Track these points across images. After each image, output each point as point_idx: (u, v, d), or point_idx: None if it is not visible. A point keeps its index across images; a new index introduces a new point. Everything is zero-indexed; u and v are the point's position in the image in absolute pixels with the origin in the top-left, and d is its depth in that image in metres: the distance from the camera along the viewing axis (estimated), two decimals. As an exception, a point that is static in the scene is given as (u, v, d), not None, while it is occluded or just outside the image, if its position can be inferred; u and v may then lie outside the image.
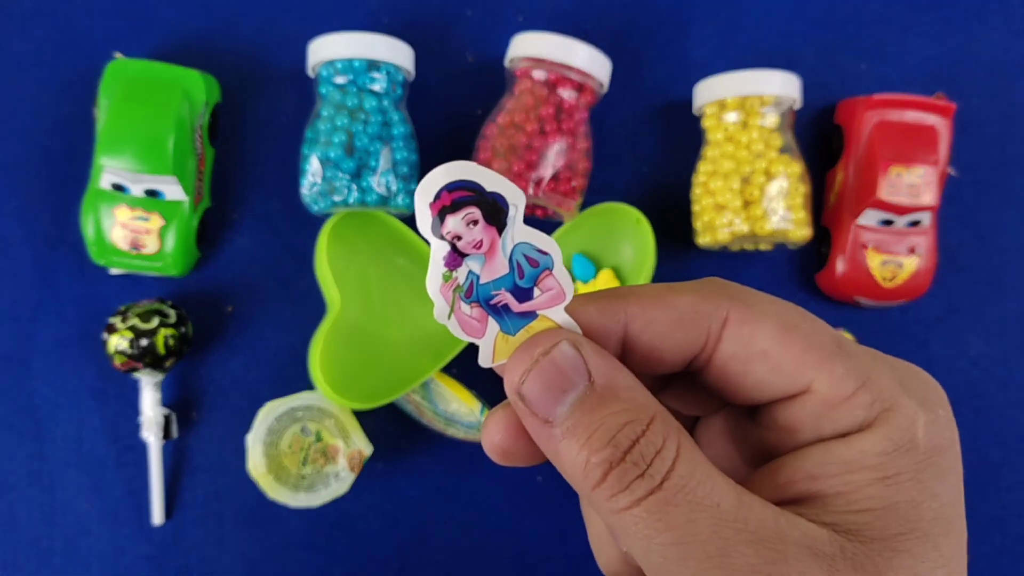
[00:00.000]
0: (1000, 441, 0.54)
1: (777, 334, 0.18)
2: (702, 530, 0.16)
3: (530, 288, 0.18)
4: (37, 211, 0.51)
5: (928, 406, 0.18)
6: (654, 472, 0.16)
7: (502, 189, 0.18)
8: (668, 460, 0.16)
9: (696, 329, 0.19)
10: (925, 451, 0.17)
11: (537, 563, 0.52)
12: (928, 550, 0.17)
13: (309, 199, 0.47)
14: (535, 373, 0.17)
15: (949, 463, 0.18)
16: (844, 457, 0.17)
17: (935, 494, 0.17)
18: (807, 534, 0.16)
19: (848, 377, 0.18)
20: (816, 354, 0.18)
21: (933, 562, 0.17)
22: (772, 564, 0.16)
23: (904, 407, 0.17)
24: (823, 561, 0.16)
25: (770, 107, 0.48)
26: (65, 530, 0.50)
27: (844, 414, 0.18)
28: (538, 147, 0.47)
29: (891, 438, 0.17)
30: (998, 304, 0.54)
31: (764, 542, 0.16)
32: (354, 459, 0.48)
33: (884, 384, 0.18)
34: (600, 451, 0.16)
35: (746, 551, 0.16)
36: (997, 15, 0.56)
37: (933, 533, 0.17)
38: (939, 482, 0.17)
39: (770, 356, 0.18)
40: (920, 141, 0.50)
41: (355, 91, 0.47)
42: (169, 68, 0.49)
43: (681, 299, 0.19)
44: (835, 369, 0.18)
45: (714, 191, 0.49)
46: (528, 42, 0.48)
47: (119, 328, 0.47)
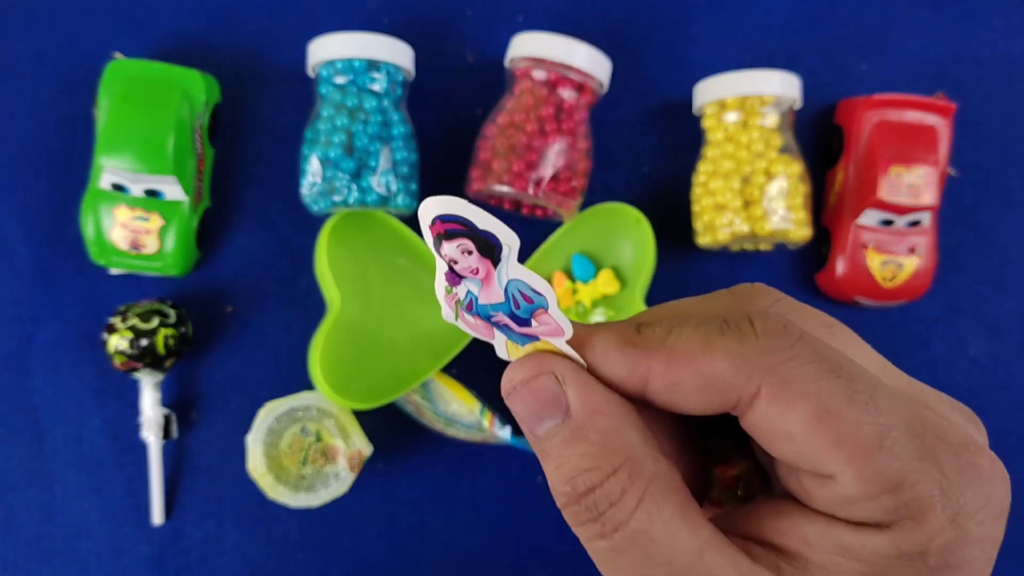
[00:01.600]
0: (1001, 442, 0.54)
1: (809, 421, 0.17)
2: None
3: (527, 318, 0.18)
4: (37, 211, 0.51)
5: (962, 520, 0.17)
6: (606, 520, 0.16)
7: (495, 230, 0.18)
8: (625, 511, 0.16)
9: (724, 398, 0.18)
10: (931, 567, 0.17)
11: (537, 563, 0.52)
12: None
13: (309, 199, 0.47)
14: (516, 397, 0.18)
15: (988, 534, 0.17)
16: (845, 542, 0.17)
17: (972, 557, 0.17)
18: None
19: (876, 480, 0.16)
20: (847, 450, 0.16)
21: None
22: None
23: (930, 521, 0.16)
24: None
25: (770, 107, 0.48)
26: (65, 530, 0.50)
27: (860, 509, 0.17)
28: (538, 147, 0.47)
29: (900, 547, 0.16)
30: (998, 304, 0.54)
31: None
32: (354, 459, 0.48)
33: (921, 491, 0.16)
34: (561, 486, 0.17)
35: None
36: (997, 15, 0.56)
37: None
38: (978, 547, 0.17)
39: (796, 441, 0.17)
40: (920, 141, 0.50)
41: (355, 91, 0.47)
42: (169, 68, 0.49)
43: (713, 366, 0.17)
44: (864, 471, 0.16)
45: (714, 191, 0.49)
46: (528, 42, 0.48)
47: (119, 328, 0.47)
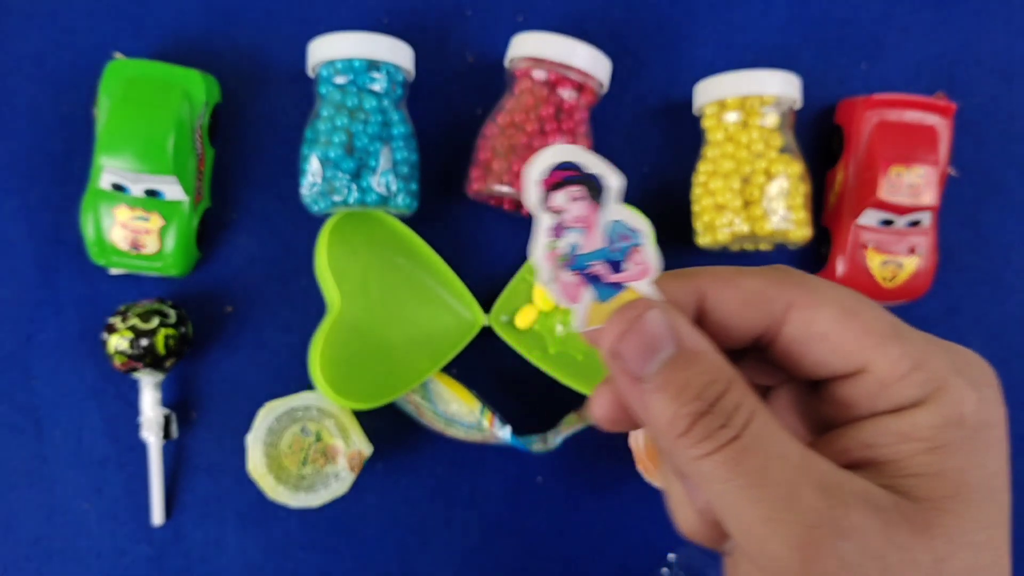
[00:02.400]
0: (1000, 441, 0.54)
1: (838, 318, 0.20)
2: (774, 476, 0.18)
3: (621, 260, 0.21)
4: (37, 211, 0.51)
5: (977, 386, 0.19)
6: (734, 424, 0.18)
7: (602, 171, 0.21)
8: (745, 415, 0.19)
9: (762, 310, 0.21)
10: (972, 426, 0.19)
11: (537, 563, 0.52)
12: (972, 512, 0.18)
13: (309, 199, 0.47)
14: (631, 334, 0.19)
15: (995, 438, 0.19)
16: (898, 429, 0.19)
17: (980, 464, 0.19)
18: (865, 488, 0.18)
19: (903, 359, 0.19)
20: (873, 337, 0.20)
21: (976, 523, 0.18)
22: (834, 508, 0.18)
23: (955, 387, 0.19)
24: (879, 511, 0.18)
25: (770, 107, 0.48)
26: (65, 530, 0.50)
27: (898, 392, 0.19)
28: (538, 147, 0.47)
29: (942, 414, 0.19)
30: (998, 304, 0.54)
31: (828, 489, 0.18)
32: (354, 459, 0.48)
33: (937, 365, 0.19)
34: (689, 404, 0.19)
35: (812, 495, 0.18)
36: (998, 15, 0.56)
37: (977, 498, 0.19)
38: (984, 454, 0.19)
39: (829, 338, 0.20)
40: (920, 141, 0.50)
41: (355, 91, 0.47)
42: (169, 68, 0.49)
43: (750, 281, 0.21)
44: (891, 352, 0.19)
45: (714, 191, 0.49)
46: (528, 42, 0.48)
47: (119, 328, 0.47)
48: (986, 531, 0.19)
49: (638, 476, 0.50)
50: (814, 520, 0.18)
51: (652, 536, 0.52)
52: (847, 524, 0.18)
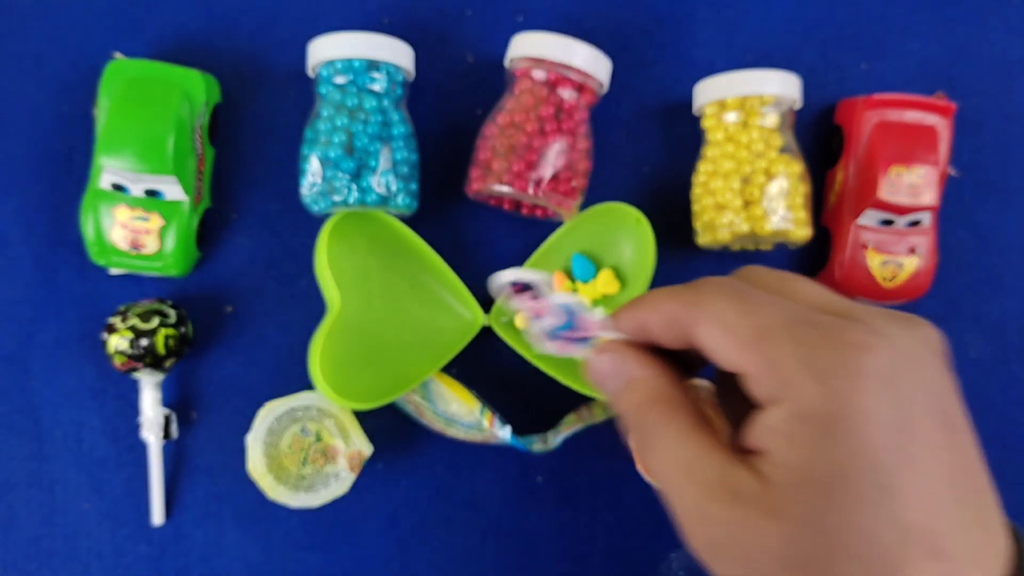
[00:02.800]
0: (1001, 441, 0.54)
1: (716, 335, 0.24)
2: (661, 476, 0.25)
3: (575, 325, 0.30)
4: (37, 211, 0.51)
5: (825, 379, 0.22)
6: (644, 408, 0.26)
7: (531, 279, 0.30)
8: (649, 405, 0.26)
9: (678, 332, 0.26)
10: (818, 420, 0.22)
11: (537, 563, 0.52)
12: (815, 500, 0.21)
13: (309, 199, 0.47)
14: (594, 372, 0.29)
15: (843, 429, 0.21)
16: (764, 423, 0.23)
17: (826, 455, 0.21)
18: (738, 479, 0.23)
19: (761, 364, 0.23)
20: (742, 348, 0.24)
21: (820, 510, 0.21)
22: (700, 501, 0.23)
23: (800, 384, 0.22)
24: (739, 499, 0.22)
25: (770, 107, 0.48)
26: (65, 530, 0.50)
27: (759, 390, 0.23)
28: (538, 147, 0.47)
29: (789, 409, 0.22)
30: (998, 304, 0.54)
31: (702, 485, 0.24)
32: (354, 459, 0.48)
33: (787, 364, 0.22)
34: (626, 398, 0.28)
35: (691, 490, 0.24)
36: (997, 15, 0.56)
37: (822, 487, 0.21)
38: (831, 445, 0.21)
39: (716, 353, 0.24)
40: (920, 141, 0.50)
41: (355, 91, 0.47)
42: (169, 68, 0.49)
43: (667, 306, 0.26)
44: (752, 357, 0.23)
45: (714, 191, 0.49)
46: (528, 42, 0.48)
47: (119, 328, 0.47)
48: (830, 517, 0.21)
49: (638, 476, 0.50)
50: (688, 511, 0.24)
51: (652, 536, 0.52)
52: (712, 513, 0.23)
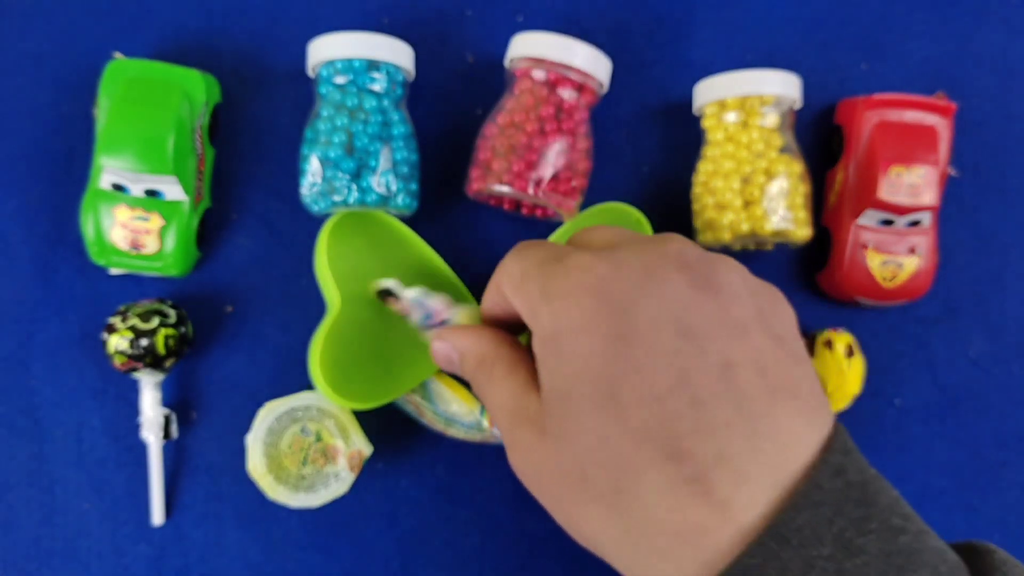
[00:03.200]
0: (1000, 441, 0.54)
1: (505, 283, 0.29)
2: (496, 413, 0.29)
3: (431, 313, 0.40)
4: (36, 211, 0.51)
5: (550, 299, 0.25)
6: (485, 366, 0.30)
7: (388, 286, 0.44)
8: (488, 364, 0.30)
9: (499, 296, 0.30)
10: (548, 338, 0.25)
11: (538, 562, 0.52)
12: (564, 409, 0.24)
13: (309, 199, 0.47)
14: (439, 355, 0.34)
15: (567, 343, 0.24)
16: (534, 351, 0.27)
17: (556, 369, 0.24)
18: (533, 408, 0.26)
19: (521, 301, 0.27)
20: (513, 291, 0.28)
21: (570, 419, 0.24)
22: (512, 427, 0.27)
23: (537, 313, 0.26)
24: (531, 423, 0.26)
25: (770, 107, 0.48)
26: (64, 530, 0.50)
27: (528, 324, 0.27)
28: (538, 147, 0.47)
29: (536, 336, 0.26)
30: (998, 304, 0.54)
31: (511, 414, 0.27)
32: (354, 459, 0.48)
33: (532, 297, 0.26)
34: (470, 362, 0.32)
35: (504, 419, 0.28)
36: (997, 15, 0.56)
37: (563, 399, 0.24)
38: (557, 359, 0.24)
39: (490, 300, 0.31)
40: (920, 141, 0.50)
41: (355, 91, 0.47)
42: (169, 68, 0.49)
43: (489, 298, 0.31)
44: (516, 299, 0.27)
45: (714, 191, 0.49)
46: (528, 42, 0.48)
47: (119, 328, 0.47)
48: (572, 428, 0.24)
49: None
50: (506, 442, 0.27)
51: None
52: (516, 439, 0.26)
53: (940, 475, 0.53)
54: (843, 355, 0.50)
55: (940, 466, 0.53)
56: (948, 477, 0.53)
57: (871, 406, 0.53)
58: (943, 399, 0.54)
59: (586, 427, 0.23)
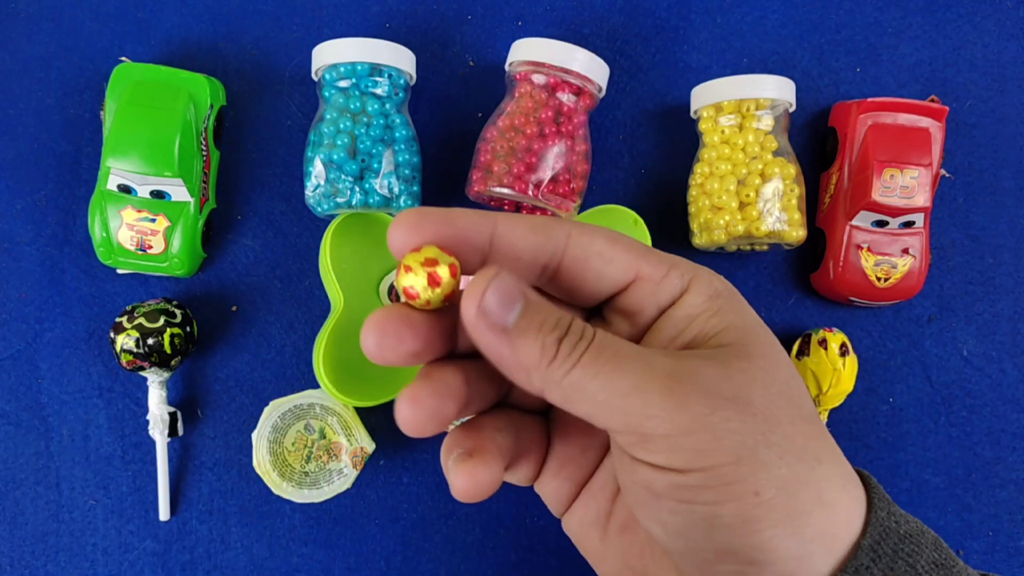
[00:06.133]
0: (993, 439, 0.54)
1: (607, 241, 0.25)
2: (628, 355, 0.22)
3: None
4: (45, 212, 0.52)
5: (709, 272, 0.25)
6: (586, 336, 0.23)
7: None
8: (590, 330, 0.23)
9: (547, 235, 0.24)
10: (725, 294, 0.25)
11: (538, 559, 0.53)
12: (763, 338, 0.24)
13: (313, 201, 0.48)
14: (491, 290, 0.22)
15: (740, 298, 0.25)
16: (684, 313, 0.25)
17: (746, 312, 0.25)
18: (693, 352, 0.24)
19: (661, 264, 0.25)
20: (635, 252, 0.25)
21: (770, 345, 0.24)
22: (679, 360, 0.23)
23: (701, 273, 0.25)
24: (709, 358, 0.23)
25: (765, 110, 0.49)
26: (72, 526, 0.51)
27: (668, 286, 0.25)
28: (537, 150, 0.48)
29: (704, 292, 0.25)
30: (990, 304, 0.55)
31: (670, 353, 0.23)
32: (357, 456, 0.48)
33: (683, 263, 0.25)
34: (550, 333, 0.22)
35: (661, 358, 0.23)
36: (990, 19, 0.57)
37: (750, 339, 0.24)
38: (743, 308, 0.25)
39: (604, 254, 0.25)
40: (913, 143, 0.50)
41: (358, 94, 0.47)
42: (175, 72, 0.49)
43: (533, 217, 0.25)
44: (651, 260, 0.25)
45: (710, 193, 0.49)
46: (528, 47, 0.49)
47: (126, 327, 0.47)
48: (776, 351, 0.24)
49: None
50: (670, 371, 0.22)
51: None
52: (693, 367, 0.22)
53: (933, 472, 0.54)
54: (837, 354, 0.51)
55: (933, 463, 0.54)
56: (941, 474, 0.54)
57: (865, 404, 0.54)
58: (936, 397, 0.54)
59: (780, 354, 0.24)
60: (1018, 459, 0.54)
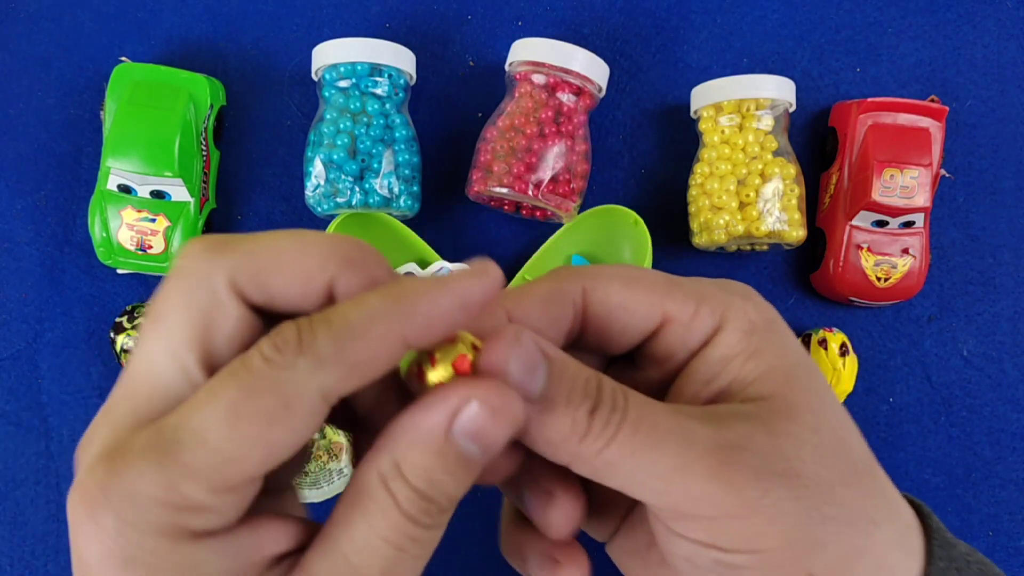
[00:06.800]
0: (993, 439, 0.54)
1: (624, 287, 0.22)
2: (666, 430, 0.20)
3: None
4: (45, 212, 0.52)
5: (746, 297, 0.23)
6: (619, 405, 0.20)
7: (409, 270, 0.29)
8: (620, 394, 0.20)
9: (561, 302, 0.22)
10: (762, 327, 0.22)
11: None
12: (811, 383, 0.22)
13: (313, 201, 0.48)
14: (515, 360, 0.19)
15: (781, 328, 0.23)
16: (719, 355, 0.22)
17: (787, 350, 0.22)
18: (729, 409, 0.21)
19: (687, 300, 0.22)
20: (658, 292, 0.22)
21: (818, 392, 0.22)
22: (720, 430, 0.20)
23: (733, 305, 0.22)
24: (752, 418, 0.21)
25: (765, 110, 0.49)
26: (72, 526, 0.51)
27: (698, 326, 0.22)
28: (537, 150, 0.48)
29: (739, 328, 0.22)
30: (990, 303, 0.55)
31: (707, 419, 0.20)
32: (357, 456, 0.48)
33: (713, 295, 0.22)
34: (581, 404, 0.19)
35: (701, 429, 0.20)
36: (989, 18, 0.57)
37: (794, 388, 0.21)
38: (784, 342, 0.22)
39: (626, 305, 0.22)
40: (914, 143, 0.50)
41: (358, 95, 0.47)
42: (175, 72, 0.49)
43: (541, 286, 0.22)
44: (676, 296, 0.22)
45: (710, 193, 0.49)
46: (528, 47, 0.49)
47: (126, 327, 0.47)
48: (823, 398, 0.22)
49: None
50: (714, 445, 0.19)
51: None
52: (736, 437, 0.20)
53: (933, 472, 0.54)
54: (837, 354, 0.51)
55: (933, 463, 0.54)
56: (941, 474, 0.54)
57: (865, 404, 0.54)
58: (936, 397, 0.54)
59: (829, 394, 0.22)
60: (1018, 459, 0.54)
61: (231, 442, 0.17)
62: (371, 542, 0.18)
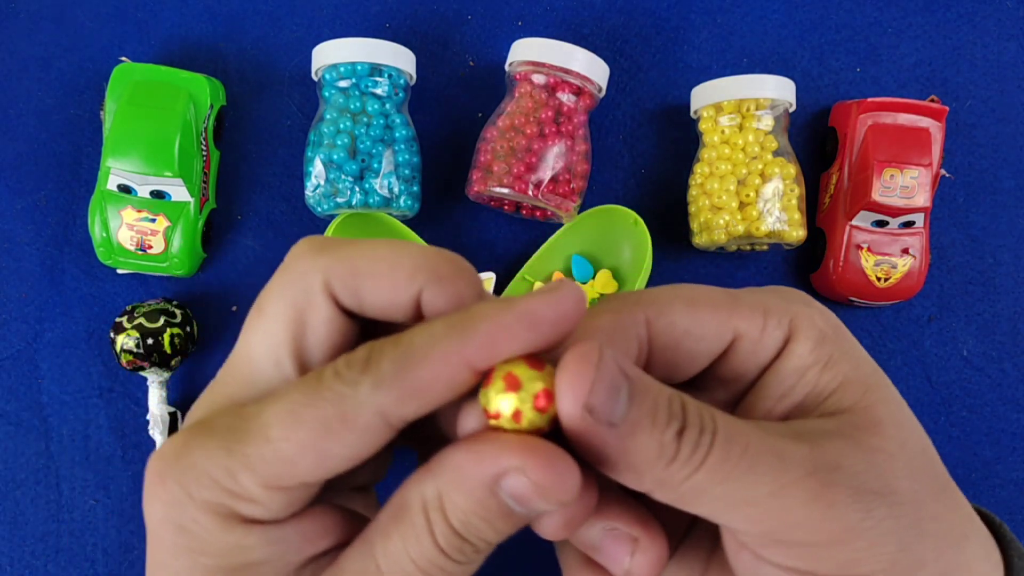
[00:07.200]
0: (993, 439, 0.54)
1: (688, 312, 0.21)
2: (758, 451, 0.18)
3: None
4: (45, 212, 0.52)
5: (807, 304, 0.22)
6: (707, 427, 0.18)
7: None
8: (707, 413, 0.19)
9: (625, 336, 0.21)
10: (831, 334, 0.21)
11: (539, 557, 0.53)
12: (882, 394, 0.21)
13: (313, 201, 0.48)
14: (599, 382, 0.17)
15: (846, 333, 0.22)
16: (792, 368, 0.21)
17: (859, 357, 0.21)
18: (814, 425, 0.20)
19: (754, 315, 0.21)
20: (724, 310, 0.21)
21: (895, 401, 0.21)
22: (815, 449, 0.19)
23: (800, 314, 0.21)
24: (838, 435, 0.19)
25: (765, 110, 0.49)
26: (71, 526, 0.51)
27: (768, 340, 0.21)
28: (537, 150, 0.48)
29: (809, 337, 0.21)
30: (990, 304, 0.55)
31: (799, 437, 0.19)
32: (357, 456, 0.48)
33: (777, 306, 0.21)
34: (667, 427, 0.18)
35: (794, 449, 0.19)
36: (990, 19, 0.57)
37: (874, 400, 0.21)
38: (854, 349, 0.22)
39: (692, 331, 0.21)
40: (914, 143, 0.50)
41: (358, 95, 0.47)
42: (174, 72, 0.49)
43: (600, 320, 0.21)
44: (742, 312, 0.21)
45: (710, 193, 0.50)
46: (528, 47, 0.49)
47: (126, 327, 0.47)
48: (902, 410, 0.21)
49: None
50: (810, 468, 0.18)
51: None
52: (831, 455, 0.19)
53: (933, 472, 0.54)
54: (837, 354, 0.51)
55: (933, 463, 0.54)
56: (941, 474, 0.54)
57: (865, 404, 0.54)
58: (936, 397, 0.55)
59: (910, 416, 0.21)
60: (1018, 459, 0.54)
61: (287, 443, 0.17)
62: (402, 561, 0.18)
